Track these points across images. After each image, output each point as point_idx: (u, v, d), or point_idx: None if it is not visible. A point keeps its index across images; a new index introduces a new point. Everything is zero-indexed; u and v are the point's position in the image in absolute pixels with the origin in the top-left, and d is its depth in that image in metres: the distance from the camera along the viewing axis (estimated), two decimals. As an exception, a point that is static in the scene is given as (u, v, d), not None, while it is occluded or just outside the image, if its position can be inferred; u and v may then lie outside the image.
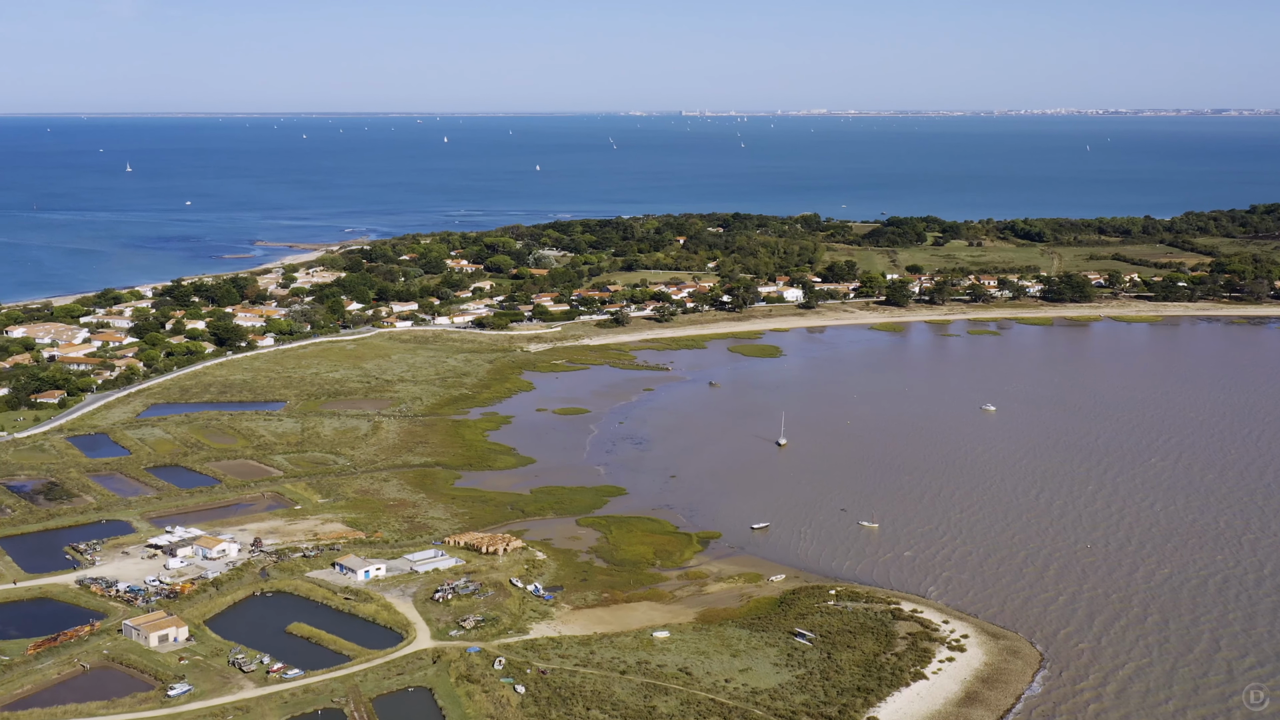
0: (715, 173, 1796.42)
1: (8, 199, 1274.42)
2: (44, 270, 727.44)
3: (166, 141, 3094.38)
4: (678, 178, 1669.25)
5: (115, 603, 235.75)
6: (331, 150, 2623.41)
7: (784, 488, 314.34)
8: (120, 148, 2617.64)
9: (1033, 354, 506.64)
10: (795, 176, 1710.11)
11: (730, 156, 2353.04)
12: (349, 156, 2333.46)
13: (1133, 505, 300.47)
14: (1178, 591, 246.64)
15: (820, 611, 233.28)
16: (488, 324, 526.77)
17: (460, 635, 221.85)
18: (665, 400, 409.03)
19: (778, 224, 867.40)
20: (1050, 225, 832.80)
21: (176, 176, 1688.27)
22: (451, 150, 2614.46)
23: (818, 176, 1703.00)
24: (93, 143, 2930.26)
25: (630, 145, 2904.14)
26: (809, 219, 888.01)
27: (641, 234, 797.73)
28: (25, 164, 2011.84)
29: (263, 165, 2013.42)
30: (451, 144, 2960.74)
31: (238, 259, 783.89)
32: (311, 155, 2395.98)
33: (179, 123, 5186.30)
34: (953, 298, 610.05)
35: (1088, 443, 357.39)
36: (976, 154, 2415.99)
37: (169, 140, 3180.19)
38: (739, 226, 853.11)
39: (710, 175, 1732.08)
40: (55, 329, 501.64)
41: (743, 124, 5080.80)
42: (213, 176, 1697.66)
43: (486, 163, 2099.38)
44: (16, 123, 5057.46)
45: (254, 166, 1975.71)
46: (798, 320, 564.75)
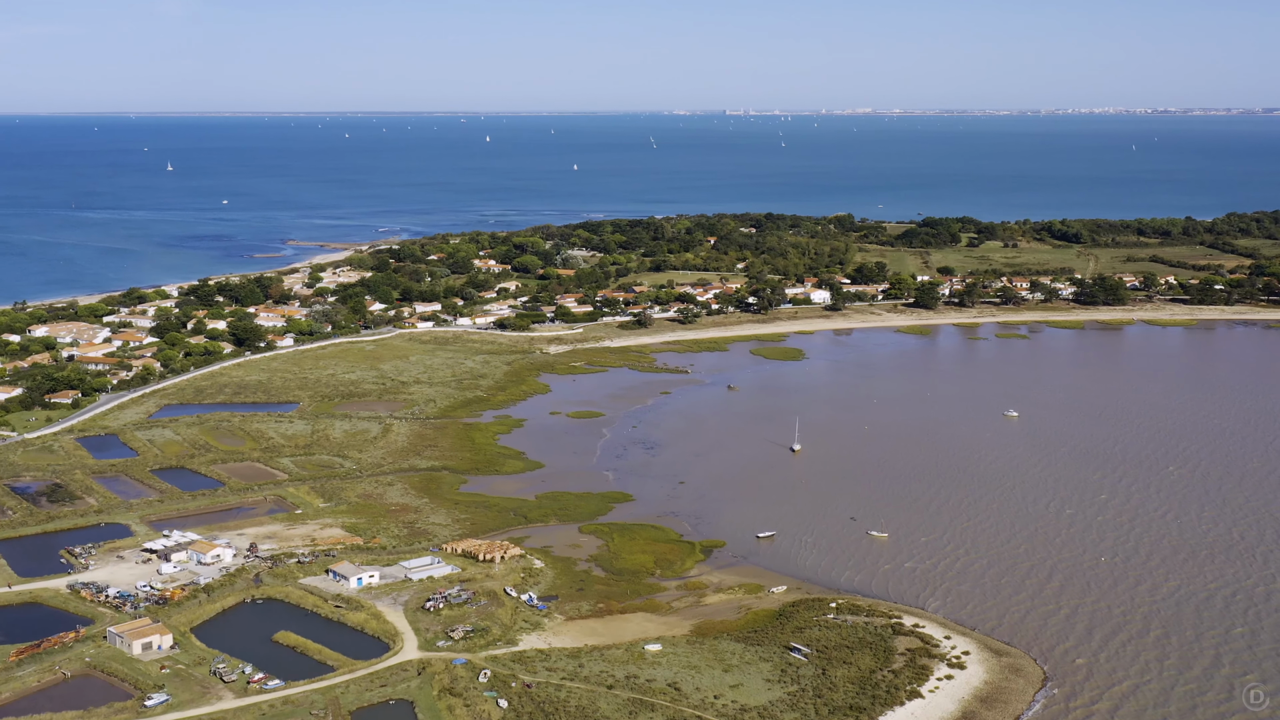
0: (753, 172, 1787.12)
1: (48, 197, 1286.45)
2: (75, 269, 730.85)
3: (210, 140, 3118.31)
4: (715, 177, 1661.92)
5: (104, 608, 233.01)
6: (372, 149, 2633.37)
7: (794, 495, 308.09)
8: (164, 147, 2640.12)
9: (1061, 358, 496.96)
10: (834, 176, 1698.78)
11: (770, 156, 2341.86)
12: (388, 156, 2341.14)
13: (1146, 515, 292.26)
14: (1184, 606, 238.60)
15: (819, 625, 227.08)
16: (509, 325, 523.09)
17: (448, 646, 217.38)
18: (681, 404, 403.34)
19: (811, 224, 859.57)
20: (1088, 226, 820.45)
21: (216, 175, 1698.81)
22: (492, 150, 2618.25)
23: (856, 176, 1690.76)
24: (138, 142, 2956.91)
25: (671, 144, 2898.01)
26: (842, 219, 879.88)
27: (672, 234, 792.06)
28: (69, 163, 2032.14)
29: (302, 164, 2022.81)
30: (492, 143, 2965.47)
31: (268, 258, 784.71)
32: (351, 154, 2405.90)
33: (225, 122, 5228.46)
34: (983, 300, 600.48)
35: (1106, 449, 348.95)
36: (1020, 154, 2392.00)
37: (213, 139, 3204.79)
38: (771, 227, 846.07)
39: (748, 175, 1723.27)
40: (77, 328, 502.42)
41: (786, 123, 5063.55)
42: (251, 175, 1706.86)
43: (525, 162, 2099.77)
44: (66, 122, 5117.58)
45: (293, 165, 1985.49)
46: (824, 322, 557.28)
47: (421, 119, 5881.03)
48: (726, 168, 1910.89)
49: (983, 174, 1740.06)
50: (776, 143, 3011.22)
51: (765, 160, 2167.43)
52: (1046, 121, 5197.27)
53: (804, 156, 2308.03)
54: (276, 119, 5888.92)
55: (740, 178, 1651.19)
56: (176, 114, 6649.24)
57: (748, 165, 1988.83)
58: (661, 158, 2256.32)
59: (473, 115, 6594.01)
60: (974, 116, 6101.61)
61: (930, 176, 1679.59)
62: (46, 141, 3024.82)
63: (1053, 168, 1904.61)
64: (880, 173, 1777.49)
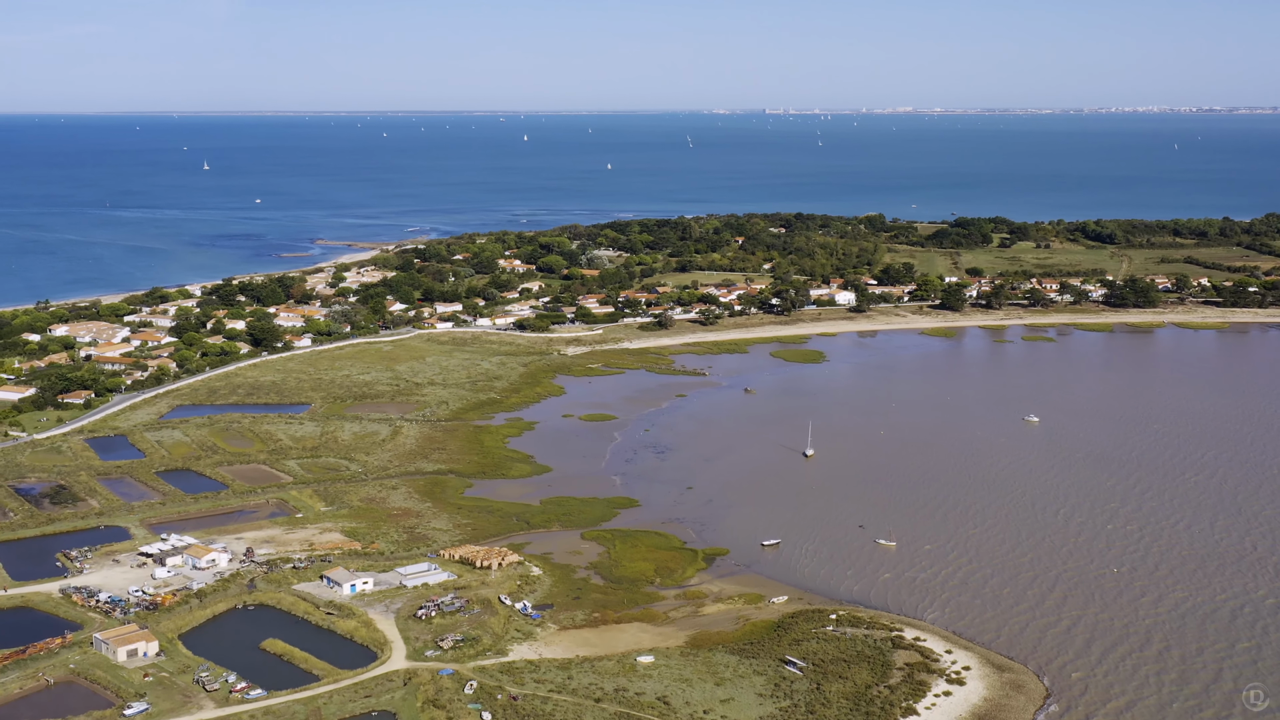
0: (788, 172, 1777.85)
1: (84, 196, 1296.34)
2: (102, 267, 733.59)
3: (249, 140, 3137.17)
4: (749, 177, 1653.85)
5: (94, 613, 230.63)
6: (408, 149, 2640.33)
7: (803, 501, 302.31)
8: (203, 146, 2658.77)
9: (1087, 361, 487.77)
10: (869, 176, 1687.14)
11: (806, 155, 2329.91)
12: (424, 155, 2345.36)
13: (1158, 524, 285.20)
14: (1190, 620, 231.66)
15: (817, 637, 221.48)
16: (528, 326, 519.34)
17: (436, 656, 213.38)
18: (696, 407, 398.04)
19: (841, 224, 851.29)
20: (1122, 227, 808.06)
21: (251, 174, 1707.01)
22: (529, 149, 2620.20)
23: (892, 176, 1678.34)
24: (178, 141, 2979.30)
25: (708, 144, 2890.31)
26: (873, 219, 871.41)
27: (699, 234, 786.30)
28: (108, 162, 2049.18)
29: (338, 163, 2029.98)
30: (529, 143, 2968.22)
31: (295, 257, 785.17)
32: (388, 154, 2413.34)
33: (265, 121, 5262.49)
34: (1010, 302, 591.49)
35: (1124, 455, 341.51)
36: (1059, 153, 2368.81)
37: (252, 138, 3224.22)
38: (801, 227, 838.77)
39: (782, 174, 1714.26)
40: (98, 327, 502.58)
41: (826, 122, 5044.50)
42: (286, 174, 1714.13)
43: (560, 161, 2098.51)
44: (109, 121, 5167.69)
45: (328, 165, 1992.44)
46: (847, 324, 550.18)
47: (460, 118, 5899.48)
48: (761, 167, 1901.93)
49: (1020, 173, 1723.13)
50: (813, 142, 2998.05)
51: (801, 160, 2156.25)
52: (1089, 120, 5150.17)
53: (840, 156, 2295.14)
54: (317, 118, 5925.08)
55: (774, 177, 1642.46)
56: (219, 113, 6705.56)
57: (783, 165, 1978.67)
58: (697, 157, 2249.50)
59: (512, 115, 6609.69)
60: (1015, 115, 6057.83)
61: (966, 176, 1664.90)
62: (88, 141, 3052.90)
63: (1092, 167, 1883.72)
64: (916, 172, 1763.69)
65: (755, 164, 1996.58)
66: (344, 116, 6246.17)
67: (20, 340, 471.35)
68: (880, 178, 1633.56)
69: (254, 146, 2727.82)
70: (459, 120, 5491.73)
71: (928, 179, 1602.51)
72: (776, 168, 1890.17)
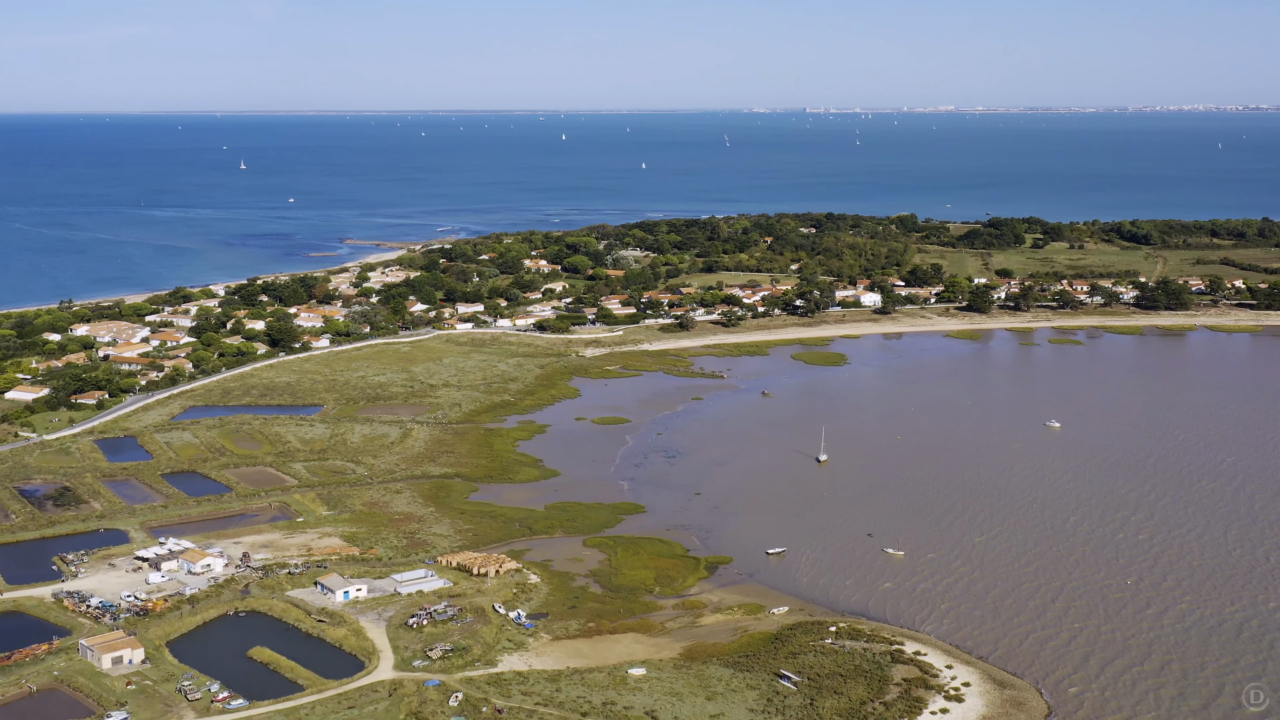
0: (823, 171, 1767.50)
1: (120, 195, 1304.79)
2: (130, 266, 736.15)
3: (288, 139, 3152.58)
4: (784, 176, 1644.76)
5: (84, 619, 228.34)
6: (445, 148, 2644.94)
7: (812, 508, 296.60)
8: (242, 145, 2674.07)
9: (1114, 365, 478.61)
10: (905, 175, 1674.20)
11: (843, 154, 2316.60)
12: (460, 154, 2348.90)
13: (1171, 534, 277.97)
14: (1196, 634, 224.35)
15: (815, 650, 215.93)
16: (548, 327, 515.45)
17: (424, 666, 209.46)
18: (712, 410, 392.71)
19: (872, 224, 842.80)
20: (1158, 227, 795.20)
21: (287, 173, 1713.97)
22: (564, 148, 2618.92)
23: (928, 175, 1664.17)
24: (218, 140, 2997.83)
25: (745, 143, 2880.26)
26: (905, 219, 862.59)
27: (727, 234, 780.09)
28: (147, 161, 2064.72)
29: (373, 163, 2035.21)
30: (565, 142, 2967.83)
31: (323, 257, 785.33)
32: (424, 153, 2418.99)
33: (306, 121, 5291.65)
34: (1039, 304, 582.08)
35: (1143, 462, 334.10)
36: (1099, 152, 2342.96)
37: (291, 138, 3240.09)
38: (831, 227, 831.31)
39: (819, 174, 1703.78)
40: (118, 327, 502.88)
41: (866, 121, 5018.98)
42: (321, 174, 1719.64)
43: (596, 160, 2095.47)
44: (153, 121, 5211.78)
45: (364, 164, 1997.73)
46: (871, 326, 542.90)
47: (499, 117, 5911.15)
48: (797, 167, 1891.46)
49: (1058, 173, 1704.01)
50: (851, 141, 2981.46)
51: (837, 159, 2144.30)
52: (1133, 119, 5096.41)
53: (877, 155, 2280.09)
54: (358, 118, 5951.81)
55: (809, 177, 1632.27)
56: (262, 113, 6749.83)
57: (819, 164, 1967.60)
58: (733, 156, 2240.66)
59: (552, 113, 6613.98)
60: (1058, 114, 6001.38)
61: (1003, 175, 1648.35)
62: (130, 140, 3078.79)
63: (1132, 166, 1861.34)
64: (953, 171, 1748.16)
65: (791, 163, 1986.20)
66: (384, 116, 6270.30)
67: (40, 340, 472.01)
68: (917, 177, 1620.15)
69: (292, 146, 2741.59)
70: (498, 119, 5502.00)
71: (964, 178, 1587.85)
72: (812, 167, 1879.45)
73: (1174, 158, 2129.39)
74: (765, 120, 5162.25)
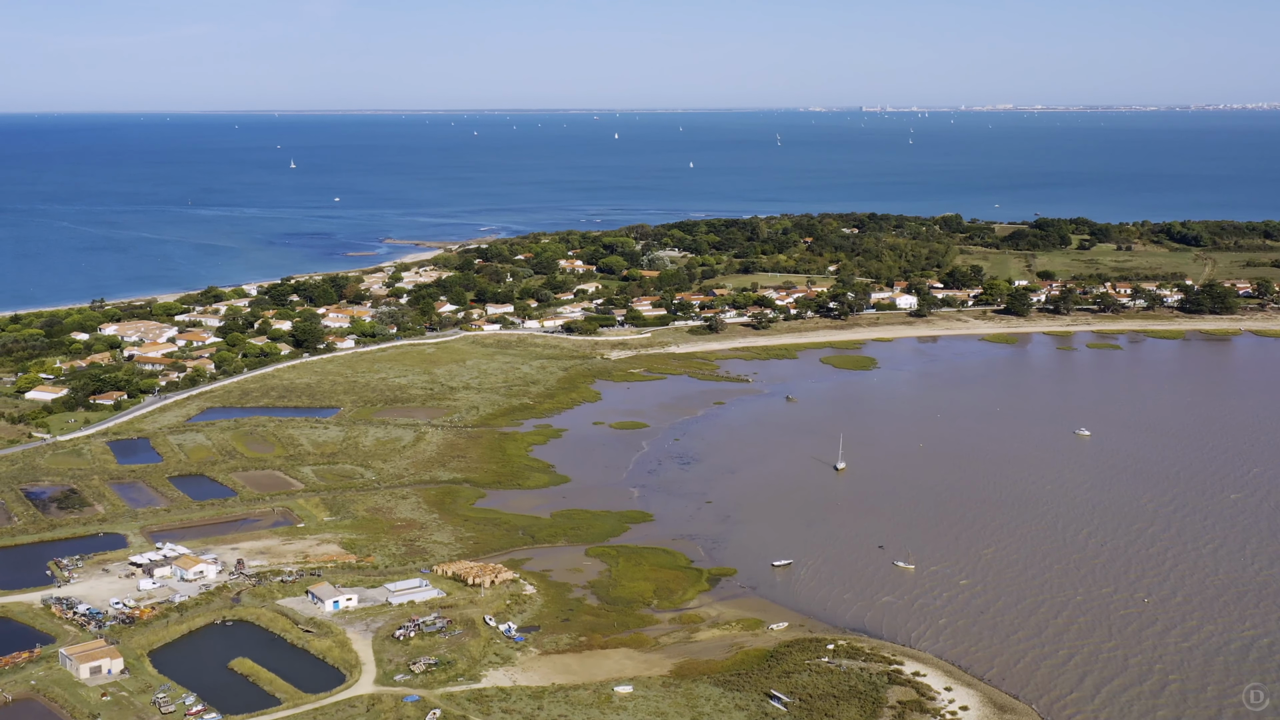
0: (874, 170, 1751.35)
1: (168, 193, 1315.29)
2: (169, 265, 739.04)
3: (341, 138, 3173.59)
4: (833, 175, 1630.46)
5: (70, 626, 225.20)
6: (496, 147, 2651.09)
7: (825, 519, 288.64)
8: (296, 144, 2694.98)
9: (1153, 371, 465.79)
10: (955, 174, 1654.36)
11: (894, 154, 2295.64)
12: (510, 154, 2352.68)
13: (1187, 549, 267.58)
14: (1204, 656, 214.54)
15: (810, 669, 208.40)
16: (576, 329, 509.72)
17: (405, 680, 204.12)
18: (732, 416, 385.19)
19: (915, 225, 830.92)
20: (1209, 228, 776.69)
21: (336, 172, 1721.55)
22: (615, 147, 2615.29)
23: (978, 174, 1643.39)
24: (273, 139, 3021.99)
25: (797, 142, 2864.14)
26: (949, 220, 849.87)
27: (767, 235, 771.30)
28: (200, 160, 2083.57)
29: (422, 162, 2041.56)
30: (617, 141, 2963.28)
31: (361, 256, 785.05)
32: (474, 152, 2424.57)
33: (362, 120, 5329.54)
34: (1079, 307, 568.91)
35: (1169, 472, 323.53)
36: (1157, 151, 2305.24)
37: (344, 137, 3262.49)
38: (873, 227, 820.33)
39: (868, 173, 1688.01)
40: (146, 327, 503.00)
41: (922, 120, 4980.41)
42: (370, 173, 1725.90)
43: (644, 159, 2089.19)
44: (211, 120, 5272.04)
45: (413, 163, 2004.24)
46: (905, 329, 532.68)
47: (554, 116, 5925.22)
48: (847, 166, 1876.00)
49: (1112, 172, 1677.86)
50: (904, 140, 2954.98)
51: (887, 158, 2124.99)
52: (1195, 118, 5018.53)
53: (929, 154, 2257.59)
54: (414, 117, 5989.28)
55: (858, 176, 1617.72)
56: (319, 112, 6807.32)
57: (869, 163, 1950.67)
58: (783, 156, 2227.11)
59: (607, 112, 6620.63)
60: (1118, 113, 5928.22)
61: (1055, 175, 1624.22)
62: (186, 139, 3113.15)
63: (1189, 166, 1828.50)
64: (1004, 171, 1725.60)
65: (841, 163, 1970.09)
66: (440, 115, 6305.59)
67: (66, 340, 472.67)
68: (967, 177, 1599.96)
69: (344, 145, 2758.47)
70: (552, 118, 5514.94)
71: (1015, 178, 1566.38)
72: (862, 166, 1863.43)
73: (1233, 157, 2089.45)
74: (820, 119, 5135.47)
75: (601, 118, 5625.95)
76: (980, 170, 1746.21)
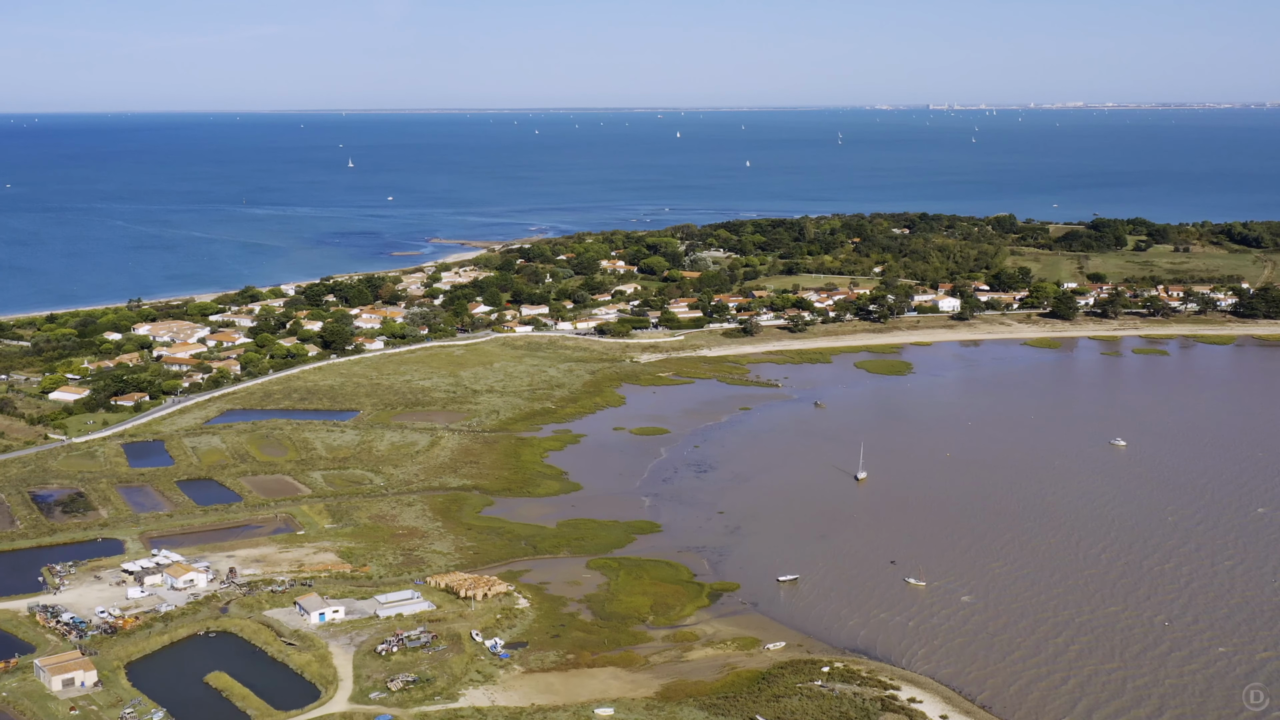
0: (933, 169, 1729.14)
1: (223, 193, 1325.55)
2: (214, 264, 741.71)
3: (403, 137, 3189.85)
4: (891, 175, 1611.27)
5: (52, 635, 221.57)
6: (555, 146, 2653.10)
7: (839, 531, 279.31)
8: (358, 143, 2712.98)
9: (1199, 378, 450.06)
10: (1016, 173, 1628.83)
11: (957, 152, 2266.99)
12: (569, 152, 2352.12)
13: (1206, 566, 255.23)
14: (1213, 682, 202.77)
15: (801, 694, 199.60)
16: (608, 331, 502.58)
17: (380, 699, 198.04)
18: (756, 422, 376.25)
19: (967, 225, 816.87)
20: (1271, 229, 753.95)
21: (393, 171, 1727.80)
22: (674, 146, 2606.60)
23: (1040, 173, 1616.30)
24: (335, 139, 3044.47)
25: (859, 141, 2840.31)
26: (1002, 220, 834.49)
27: (814, 235, 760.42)
28: (260, 159, 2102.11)
29: (480, 161, 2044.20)
30: (678, 140, 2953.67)
31: (406, 255, 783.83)
32: (533, 151, 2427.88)
33: (426, 119, 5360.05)
34: (1128, 311, 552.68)
35: (1198, 484, 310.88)
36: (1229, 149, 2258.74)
37: (405, 136, 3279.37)
38: (924, 228, 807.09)
39: (927, 171, 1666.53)
40: (178, 327, 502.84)
41: (990, 117, 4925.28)
42: (426, 171, 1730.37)
43: (702, 158, 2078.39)
44: (278, 119, 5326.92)
45: (471, 161, 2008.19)
46: (946, 333, 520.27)
47: (618, 115, 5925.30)
48: (906, 165, 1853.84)
49: (1178, 171, 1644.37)
50: (968, 138, 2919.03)
51: (949, 157, 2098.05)
52: (1271, 115, 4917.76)
53: (992, 152, 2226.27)
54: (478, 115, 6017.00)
55: (916, 175, 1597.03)
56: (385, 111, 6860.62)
57: (929, 162, 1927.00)
58: (843, 154, 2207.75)
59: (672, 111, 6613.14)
60: (1191, 110, 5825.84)
61: (1118, 174, 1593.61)
62: (251, 138, 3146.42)
63: (1260, 165, 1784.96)
64: (1067, 170, 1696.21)
65: (901, 161, 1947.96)
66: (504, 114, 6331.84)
67: (98, 339, 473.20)
68: (1027, 176, 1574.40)
69: (404, 144, 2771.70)
70: (614, 117, 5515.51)
71: (1076, 177, 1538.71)
72: (922, 165, 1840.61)
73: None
74: (885, 117, 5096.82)
75: (665, 116, 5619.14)
76: (1041, 169, 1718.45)
